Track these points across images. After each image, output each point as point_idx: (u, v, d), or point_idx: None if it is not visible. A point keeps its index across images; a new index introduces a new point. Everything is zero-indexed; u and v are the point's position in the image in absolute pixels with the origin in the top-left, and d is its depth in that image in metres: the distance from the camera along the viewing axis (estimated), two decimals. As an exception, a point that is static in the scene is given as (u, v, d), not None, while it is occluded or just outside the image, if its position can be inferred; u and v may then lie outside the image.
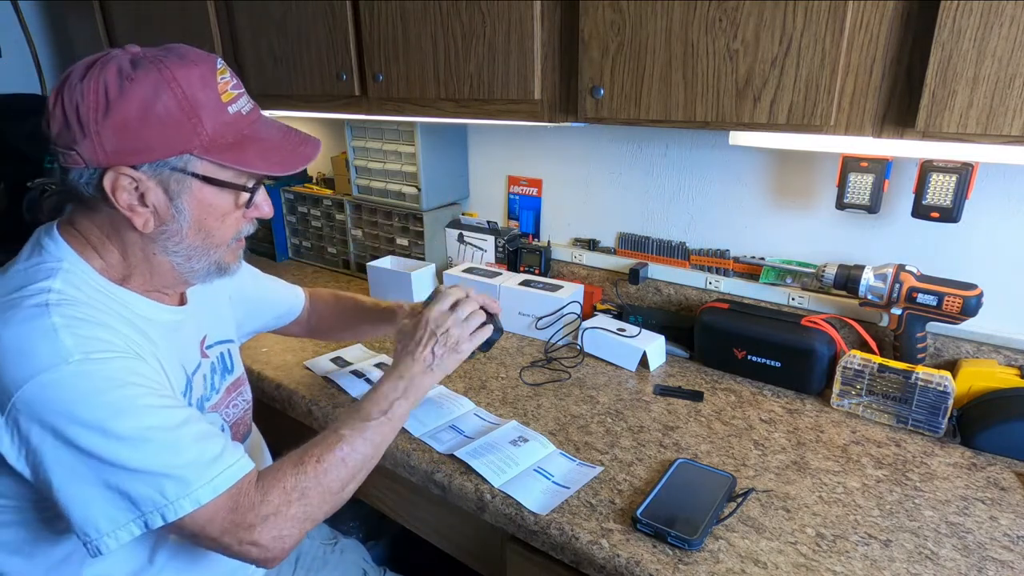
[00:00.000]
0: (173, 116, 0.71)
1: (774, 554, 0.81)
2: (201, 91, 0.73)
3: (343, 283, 1.87)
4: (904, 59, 0.84)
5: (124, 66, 0.71)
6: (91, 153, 0.71)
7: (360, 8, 1.33)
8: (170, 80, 0.71)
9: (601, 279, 1.59)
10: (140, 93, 0.70)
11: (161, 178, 0.74)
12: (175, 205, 0.75)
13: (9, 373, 0.66)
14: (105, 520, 0.68)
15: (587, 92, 1.08)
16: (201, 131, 0.73)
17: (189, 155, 0.74)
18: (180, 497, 0.69)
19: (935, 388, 1.05)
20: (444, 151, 1.71)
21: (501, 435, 1.07)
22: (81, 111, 0.69)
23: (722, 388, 1.24)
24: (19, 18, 2.34)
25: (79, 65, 0.71)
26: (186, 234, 0.78)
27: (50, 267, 0.74)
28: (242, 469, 0.74)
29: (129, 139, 0.70)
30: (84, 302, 0.73)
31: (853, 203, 1.15)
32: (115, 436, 0.67)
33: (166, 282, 0.83)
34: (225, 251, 0.83)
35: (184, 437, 0.72)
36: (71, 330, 0.68)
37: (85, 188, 0.73)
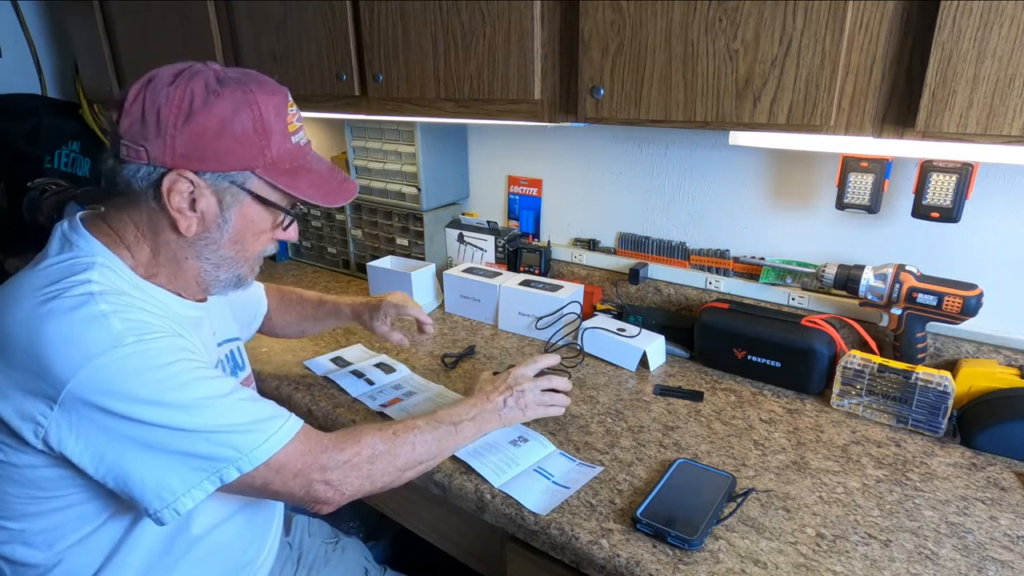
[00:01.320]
0: (247, 135, 0.77)
1: (774, 554, 0.81)
2: (274, 117, 0.79)
3: (343, 283, 1.87)
4: (904, 59, 0.84)
5: (211, 81, 0.76)
6: (159, 152, 0.74)
7: (360, 8, 1.33)
8: (252, 102, 0.77)
9: (601, 279, 1.59)
10: (223, 108, 0.75)
11: (218, 188, 0.78)
12: (223, 215, 0.80)
13: (60, 363, 0.68)
14: (180, 481, 0.71)
15: (587, 92, 1.08)
16: (267, 153, 0.79)
17: (250, 172, 0.79)
18: (254, 448, 0.73)
19: (935, 388, 1.05)
20: (444, 151, 1.71)
21: (501, 435, 1.06)
22: (162, 113, 0.73)
23: (722, 388, 1.24)
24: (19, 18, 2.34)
25: (165, 71, 0.76)
26: (223, 244, 0.82)
27: (85, 261, 0.76)
28: (299, 421, 0.79)
29: (201, 147, 0.75)
30: (124, 291, 0.76)
31: (853, 203, 1.15)
32: (177, 406, 0.70)
33: (187, 287, 0.86)
34: (249, 266, 0.88)
35: (241, 400, 0.76)
36: (120, 315, 0.71)
37: (139, 183, 0.76)
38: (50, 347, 0.68)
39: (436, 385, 1.25)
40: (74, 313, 0.70)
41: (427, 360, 1.37)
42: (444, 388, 1.24)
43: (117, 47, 1.97)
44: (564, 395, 1.08)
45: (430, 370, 1.32)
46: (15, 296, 0.73)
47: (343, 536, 1.25)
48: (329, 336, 1.49)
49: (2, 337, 0.71)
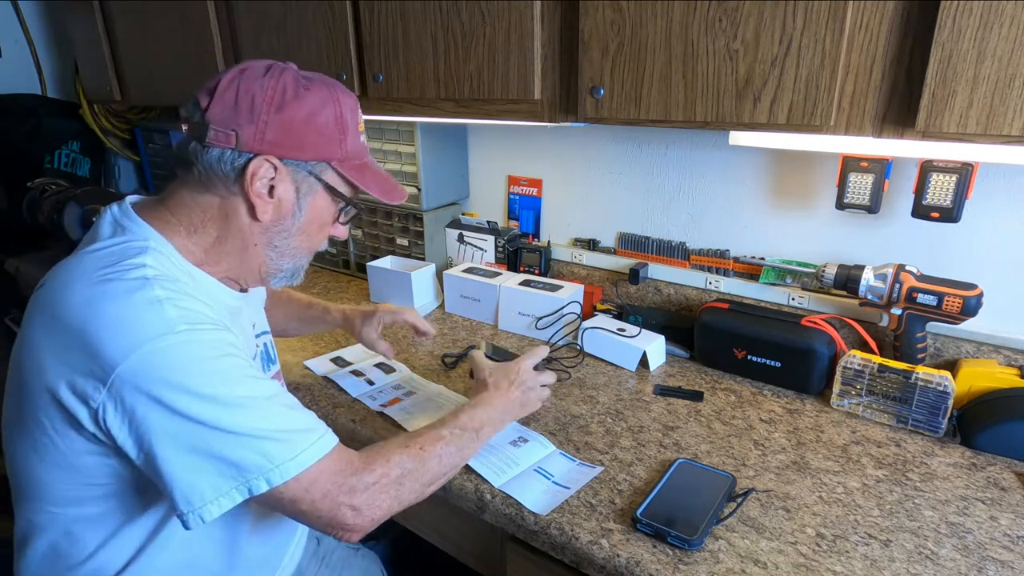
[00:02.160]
0: (329, 128, 0.81)
1: (774, 554, 0.81)
2: (351, 116, 0.84)
3: (343, 283, 1.87)
4: (904, 59, 0.84)
5: (299, 76, 0.81)
6: (250, 137, 0.77)
7: (360, 8, 1.33)
8: (336, 99, 0.82)
9: (601, 279, 1.59)
10: (312, 101, 0.80)
11: (297, 177, 0.81)
12: (299, 204, 0.83)
13: (112, 345, 0.68)
14: (210, 487, 0.70)
15: (587, 92, 1.08)
16: (344, 147, 0.83)
17: (327, 164, 0.83)
18: (285, 460, 0.72)
19: (935, 388, 1.05)
20: (444, 151, 1.71)
21: (501, 435, 1.06)
22: (257, 100, 0.77)
23: (722, 388, 1.24)
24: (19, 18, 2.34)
25: (257, 64, 0.80)
26: (294, 232, 0.85)
27: (139, 245, 0.77)
28: (335, 437, 0.78)
29: (289, 135, 0.78)
30: (177, 278, 0.76)
31: (853, 203, 1.15)
32: (221, 402, 0.70)
33: (248, 275, 0.87)
34: (307, 259, 0.90)
35: (281, 405, 0.76)
36: (174, 302, 0.72)
37: (222, 166, 0.78)
38: (104, 329, 0.69)
39: (436, 385, 1.25)
40: (129, 296, 0.71)
41: (427, 360, 1.37)
42: (444, 388, 1.24)
43: (117, 47, 1.97)
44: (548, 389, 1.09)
45: (430, 370, 1.32)
46: (68, 279, 0.73)
47: (364, 546, 1.26)
48: (329, 336, 1.49)
49: (56, 319, 0.71)
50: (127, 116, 2.48)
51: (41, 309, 0.74)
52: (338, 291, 1.80)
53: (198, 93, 0.79)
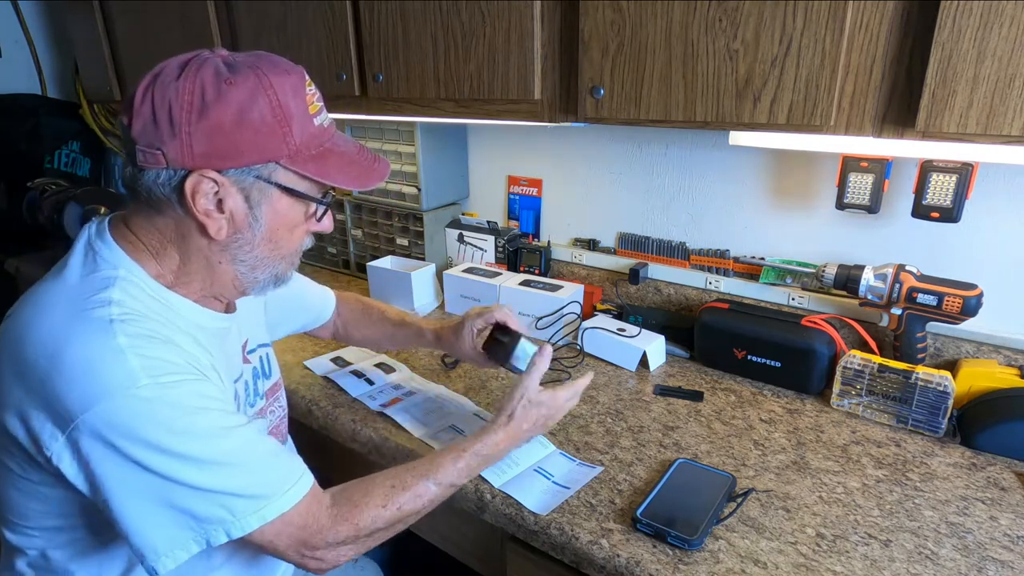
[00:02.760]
0: (267, 123, 0.70)
1: (774, 554, 0.81)
2: (292, 100, 0.72)
3: (343, 283, 1.87)
4: (904, 59, 0.84)
5: (221, 68, 0.69)
6: (177, 154, 0.69)
7: (360, 8, 1.33)
8: (267, 87, 0.70)
9: (601, 279, 1.59)
10: (237, 97, 0.69)
11: (244, 185, 0.72)
12: (253, 213, 0.74)
13: (75, 393, 0.65)
14: (164, 540, 0.68)
15: (587, 92, 1.08)
16: (290, 140, 0.72)
17: (275, 164, 0.73)
18: (248, 514, 0.70)
19: (935, 388, 1.05)
20: (444, 151, 1.71)
21: (501, 435, 1.07)
22: (174, 110, 0.67)
23: (722, 388, 1.24)
24: (19, 18, 2.34)
25: (171, 63, 0.70)
26: (257, 243, 0.77)
27: (107, 276, 0.72)
28: (306, 485, 0.75)
29: (220, 143, 0.69)
30: (145, 315, 0.71)
31: (853, 203, 1.15)
32: (184, 458, 0.67)
33: (224, 291, 0.81)
34: (287, 263, 0.82)
35: (253, 456, 0.72)
36: (137, 351, 0.67)
37: (160, 189, 0.71)
38: (66, 376, 0.65)
39: (437, 386, 1.25)
40: (92, 343, 0.67)
41: (427, 360, 1.37)
42: (445, 388, 1.24)
43: (117, 47, 1.97)
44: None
45: (430, 370, 1.32)
46: (34, 313, 0.70)
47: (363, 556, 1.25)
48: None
49: (21, 359, 0.68)
50: (127, 116, 2.47)
51: (6, 342, 0.70)
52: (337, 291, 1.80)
53: (122, 109, 0.72)
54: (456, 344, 1.13)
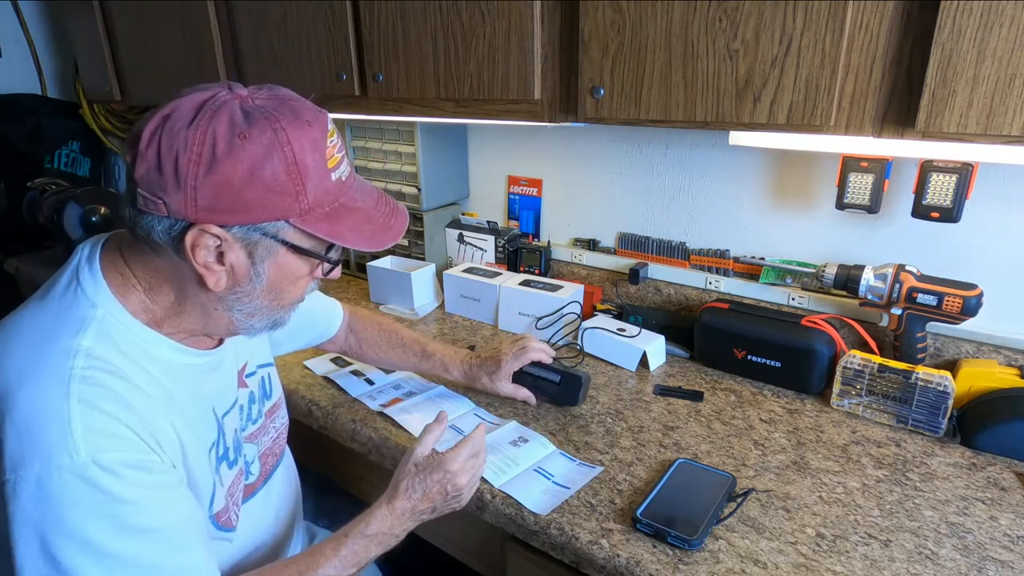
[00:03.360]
0: (280, 181, 0.66)
1: (774, 554, 0.81)
2: (311, 155, 0.68)
3: (343, 283, 1.87)
4: (904, 59, 0.84)
5: (237, 118, 0.65)
6: (180, 206, 0.65)
7: (360, 8, 1.33)
8: (284, 143, 0.66)
9: (601, 279, 1.59)
10: (251, 153, 0.64)
11: (248, 241, 0.69)
12: (255, 269, 0.71)
13: (14, 449, 0.62)
14: None
15: (587, 92, 1.08)
16: (303, 199, 0.68)
17: (284, 222, 0.69)
18: None
19: (935, 388, 1.05)
20: (444, 151, 1.71)
21: (501, 435, 1.07)
22: (181, 161, 0.63)
23: (722, 388, 1.24)
24: (19, 18, 2.34)
25: (184, 104, 0.65)
26: (257, 295, 0.73)
27: (83, 315, 0.69)
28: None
29: (227, 199, 0.65)
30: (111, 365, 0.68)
31: (853, 203, 1.15)
32: (95, 552, 0.63)
33: (217, 331, 0.79)
34: (287, 311, 0.79)
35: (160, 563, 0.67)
36: (85, 419, 0.63)
37: (159, 235, 0.67)
38: (10, 424, 0.63)
39: (437, 386, 1.25)
40: (44, 397, 0.64)
41: (427, 360, 1.37)
42: (445, 388, 1.24)
43: (117, 47, 1.97)
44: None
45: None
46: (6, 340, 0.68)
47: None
48: (329, 336, 1.49)
49: None
50: (127, 116, 2.48)
51: None
52: (338, 291, 1.80)
53: (128, 144, 0.68)
54: (492, 384, 1.14)
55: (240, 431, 0.88)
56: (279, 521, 0.98)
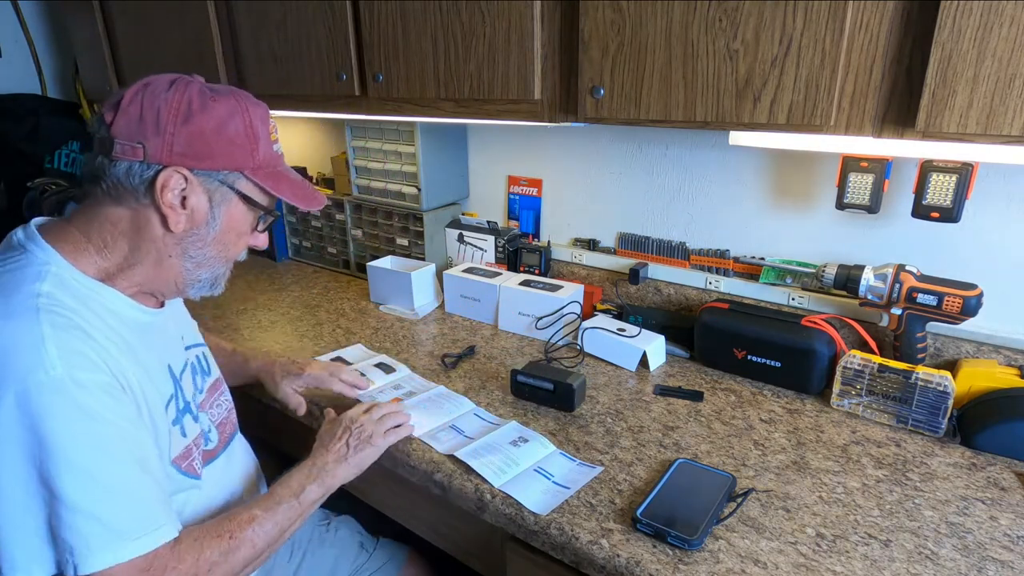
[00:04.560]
0: (240, 137, 0.82)
1: (774, 554, 0.81)
2: (261, 125, 0.85)
3: (343, 283, 1.87)
4: (904, 59, 0.84)
5: (205, 89, 0.81)
6: (157, 150, 0.78)
7: (360, 8, 1.33)
8: (244, 109, 0.83)
9: (601, 279, 1.59)
10: (219, 111, 0.80)
11: (210, 187, 0.82)
12: (212, 213, 0.83)
13: None
14: (24, 553, 0.69)
15: (587, 92, 1.08)
16: (256, 156, 0.84)
17: (240, 173, 0.84)
18: (102, 549, 0.70)
19: (935, 388, 1.05)
20: (444, 151, 1.71)
21: (501, 435, 1.07)
22: (162, 113, 0.78)
23: (722, 388, 1.24)
24: (19, 18, 2.34)
25: (160, 78, 0.81)
26: (210, 242, 0.85)
27: (37, 270, 0.76)
28: (168, 534, 0.76)
29: (199, 146, 0.79)
30: (72, 307, 0.75)
31: (853, 203, 1.15)
32: (69, 466, 0.68)
33: (163, 287, 0.87)
34: (226, 267, 0.91)
35: (128, 488, 0.73)
36: (59, 341, 0.70)
37: (130, 179, 0.78)
38: None
39: (437, 386, 1.25)
40: (15, 326, 0.70)
41: (427, 360, 1.37)
42: (445, 388, 1.24)
43: (117, 47, 1.97)
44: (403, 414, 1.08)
45: (430, 370, 1.32)
46: None
47: (333, 517, 1.26)
48: (329, 336, 1.50)
49: None
50: (127, 116, 2.47)
51: None
52: (338, 291, 1.80)
53: (103, 108, 0.80)
54: (277, 383, 1.18)
55: (194, 396, 0.94)
56: (244, 481, 1.04)
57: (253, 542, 0.84)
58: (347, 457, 0.98)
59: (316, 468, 0.96)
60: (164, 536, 0.75)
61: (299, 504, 0.91)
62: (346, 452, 0.99)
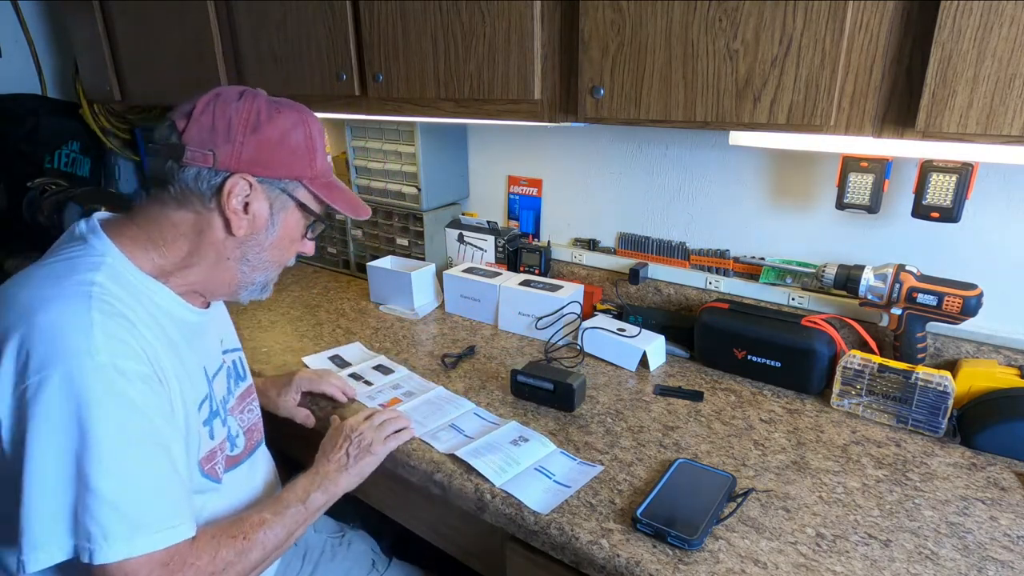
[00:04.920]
0: (301, 148, 0.86)
1: (774, 554, 0.81)
2: (319, 137, 0.89)
3: (343, 283, 1.87)
4: (904, 59, 0.84)
5: (270, 101, 0.86)
6: (227, 157, 0.82)
7: (360, 8, 1.33)
8: (305, 121, 0.87)
9: (601, 279, 1.59)
10: (284, 123, 0.85)
11: (271, 194, 0.86)
12: (272, 219, 0.88)
13: (38, 353, 0.70)
14: (44, 531, 0.69)
15: (587, 92, 1.08)
16: (314, 166, 0.89)
17: (298, 182, 0.88)
18: (120, 540, 0.70)
19: (935, 388, 1.05)
20: (444, 151, 1.71)
21: (501, 435, 1.07)
22: (233, 122, 0.82)
23: (722, 388, 1.24)
24: (19, 18, 2.34)
25: (230, 90, 0.85)
26: (267, 247, 0.89)
27: (94, 260, 0.79)
28: (188, 532, 0.77)
29: (264, 155, 0.83)
30: (121, 298, 0.78)
31: (853, 203, 1.15)
32: (101, 454, 0.70)
33: (216, 288, 0.90)
34: (277, 273, 0.95)
35: (154, 483, 0.74)
36: (106, 329, 0.73)
37: (197, 184, 0.82)
38: (35, 336, 0.70)
39: (437, 386, 1.25)
40: (67, 311, 0.73)
41: (427, 360, 1.37)
42: (444, 389, 1.24)
43: (117, 47, 1.97)
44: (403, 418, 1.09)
45: (430, 370, 1.32)
46: (21, 283, 0.77)
47: (348, 530, 1.26)
48: (330, 336, 1.50)
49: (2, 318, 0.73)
50: (127, 116, 2.48)
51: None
52: (338, 291, 1.80)
53: (174, 117, 0.83)
54: (276, 399, 1.19)
55: (225, 399, 0.95)
56: (264, 490, 1.04)
57: (264, 544, 0.85)
58: (347, 467, 0.99)
59: (319, 476, 0.97)
60: (184, 533, 0.76)
61: (305, 509, 0.92)
62: (346, 462, 1.00)
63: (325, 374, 1.22)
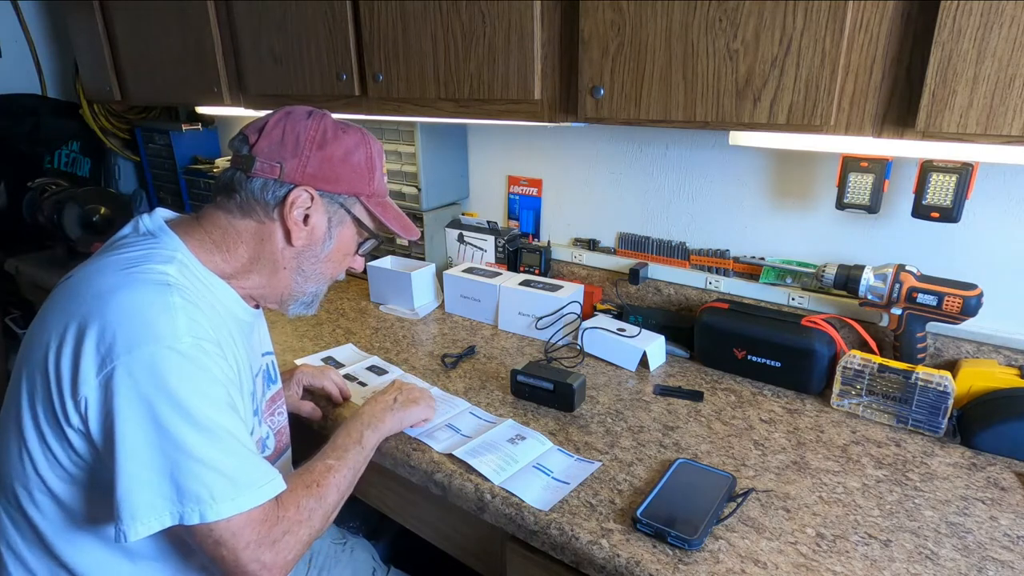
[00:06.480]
0: (361, 166, 0.91)
1: (774, 554, 0.81)
2: (378, 158, 0.94)
3: (343, 284, 1.87)
4: (904, 59, 0.84)
5: (336, 121, 0.91)
6: (293, 169, 0.86)
7: (360, 8, 1.33)
8: (367, 142, 0.92)
9: (601, 279, 1.59)
10: (348, 141, 0.90)
11: (330, 208, 0.91)
12: (329, 232, 0.92)
13: (123, 335, 0.72)
14: (144, 505, 0.72)
15: (587, 92, 1.08)
16: (372, 184, 0.93)
17: (356, 199, 0.93)
18: (226, 499, 0.73)
19: (935, 388, 1.05)
20: (444, 151, 1.71)
21: (499, 433, 1.07)
22: (302, 138, 0.87)
23: (722, 388, 1.24)
24: (19, 18, 2.34)
25: (300, 109, 0.90)
26: (322, 259, 0.93)
27: (167, 254, 0.83)
28: (279, 486, 0.80)
29: (327, 170, 0.88)
30: (197, 290, 0.82)
31: (853, 203, 1.15)
32: (194, 422, 0.73)
33: (269, 295, 0.94)
34: (327, 286, 0.99)
35: (243, 443, 0.78)
36: (187, 313, 0.76)
37: (262, 194, 0.87)
38: (117, 317, 0.73)
39: (431, 386, 1.25)
40: (150, 294, 0.76)
41: (427, 360, 1.37)
42: (440, 389, 1.24)
43: (117, 47, 1.97)
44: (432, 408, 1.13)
45: (430, 370, 1.32)
46: (98, 267, 0.79)
47: (351, 536, 1.26)
48: (330, 336, 1.50)
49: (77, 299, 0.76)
50: (127, 116, 2.48)
51: (64, 293, 0.79)
52: (338, 291, 1.80)
53: (246, 130, 0.89)
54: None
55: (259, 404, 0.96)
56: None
57: (338, 486, 0.89)
58: (393, 408, 1.04)
59: (366, 416, 1.01)
60: (278, 487, 0.79)
61: (363, 449, 0.96)
62: (392, 403, 1.05)
63: (326, 370, 1.22)
